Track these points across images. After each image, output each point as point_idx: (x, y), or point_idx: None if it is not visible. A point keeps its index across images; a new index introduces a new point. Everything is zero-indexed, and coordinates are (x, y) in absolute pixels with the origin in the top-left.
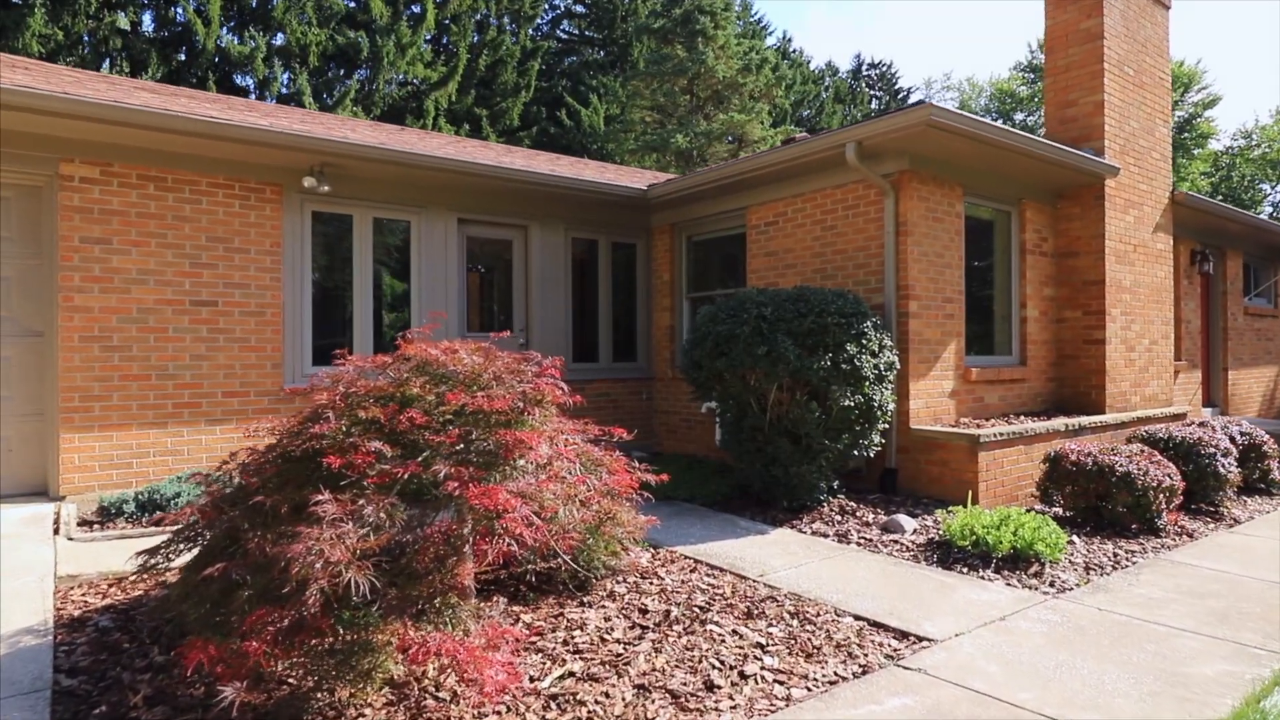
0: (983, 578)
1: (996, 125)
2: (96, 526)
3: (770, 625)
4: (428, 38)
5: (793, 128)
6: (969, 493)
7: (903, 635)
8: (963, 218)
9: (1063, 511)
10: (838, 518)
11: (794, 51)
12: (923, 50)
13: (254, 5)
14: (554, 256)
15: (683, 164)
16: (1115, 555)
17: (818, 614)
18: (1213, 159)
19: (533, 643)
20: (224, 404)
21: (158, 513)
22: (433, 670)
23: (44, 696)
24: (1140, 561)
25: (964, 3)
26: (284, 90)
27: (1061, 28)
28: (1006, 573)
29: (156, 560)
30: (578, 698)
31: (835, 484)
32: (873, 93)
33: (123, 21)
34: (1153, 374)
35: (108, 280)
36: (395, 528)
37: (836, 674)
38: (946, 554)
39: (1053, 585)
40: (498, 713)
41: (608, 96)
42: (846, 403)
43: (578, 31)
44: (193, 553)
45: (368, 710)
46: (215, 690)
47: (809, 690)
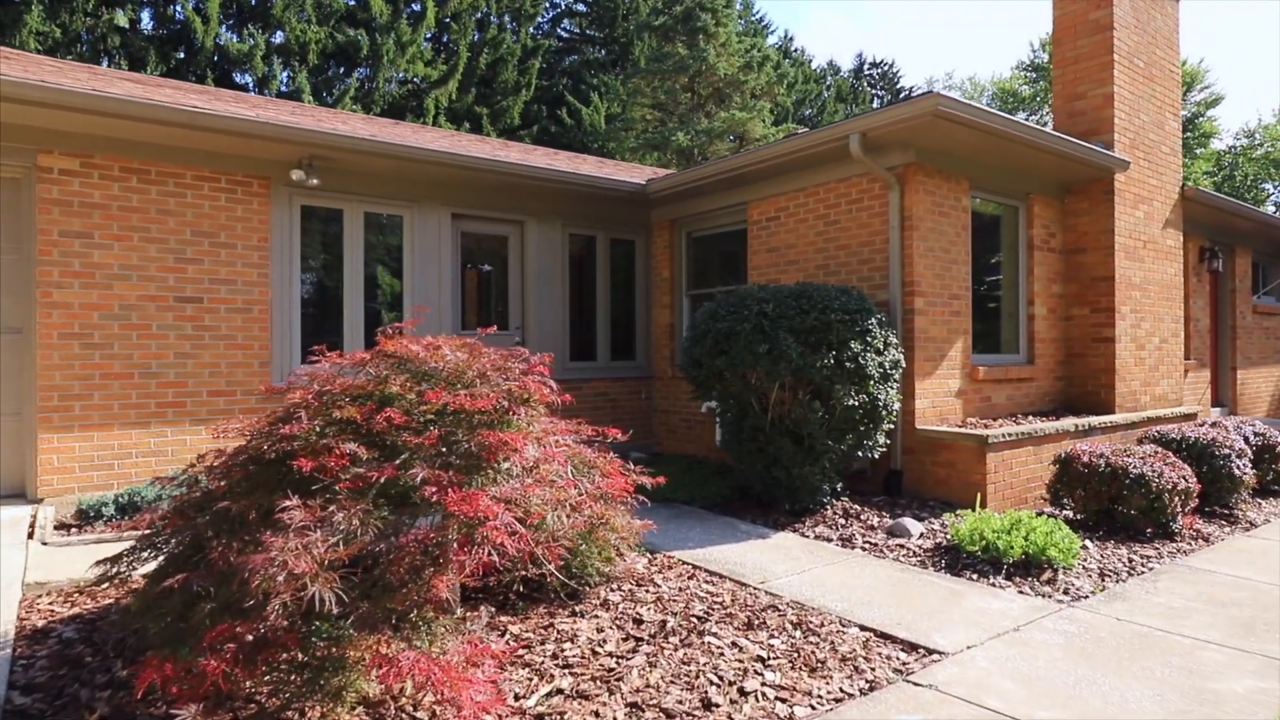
0: (993, 585)
1: (1004, 116)
2: (74, 530)
3: (772, 637)
4: (428, 36)
5: (794, 126)
6: (977, 495)
7: (912, 647)
8: (969, 212)
9: (1073, 515)
10: (841, 521)
11: (795, 50)
12: (925, 50)
13: (253, 3)
14: (551, 253)
15: (683, 162)
16: (1130, 561)
17: (822, 624)
18: (1215, 158)
19: (519, 656)
20: (210, 403)
21: (138, 516)
22: (410, 688)
23: None
24: (1157, 567)
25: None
26: (283, 89)
27: (1070, 19)
28: (1018, 579)
29: (118, 569)
30: (565, 718)
31: (838, 486)
32: (874, 92)
33: (121, 19)
34: (1163, 373)
35: (88, 276)
36: (368, 536)
37: (842, 690)
38: (955, 559)
39: (1067, 593)
40: None
41: (609, 95)
42: (850, 402)
43: (579, 30)
44: (158, 561)
45: None
46: (176, 711)
47: (813, 709)
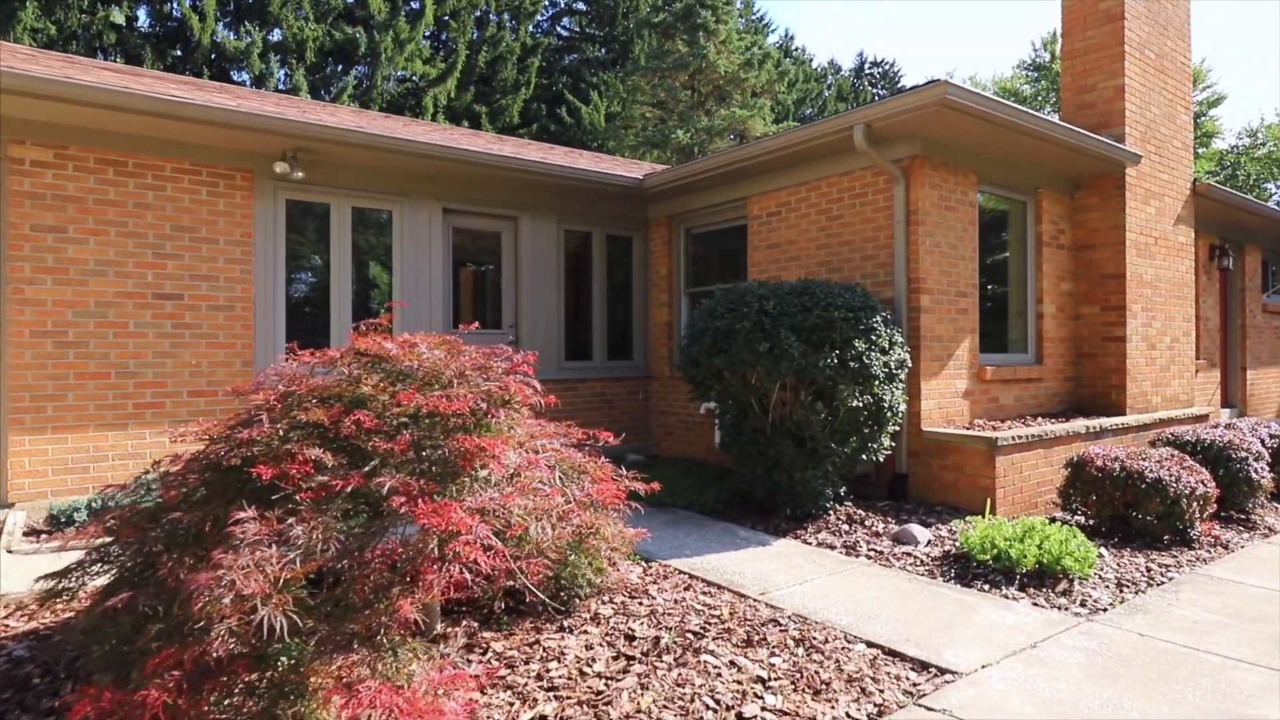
0: (1006, 596)
1: (1015, 106)
2: (44, 536)
3: (772, 654)
4: (426, 34)
5: (795, 124)
6: (986, 500)
7: (922, 666)
8: (976, 207)
9: (1086, 520)
10: (845, 527)
11: (796, 49)
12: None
13: (250, 0)
14: (545, 249)
15: (683, 160)
16: (1149, 570)
17: (826, 640)
18: (1218, 158)
19: (501, 678)
20: (190, 404)
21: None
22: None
23: None
24: (1177, 577)
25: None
26: (281, 86)
27: (1079, 8)
28: (1032, 590)
29: (65, 584)
30: None
31: (842, 490)
32: (875, 90)
33: (117, 16)
34: (1174, 373)
35: (62, 271)
36: (330, 551)
37: (849, 716)
38: (965, 569)
39: (1084, 605)
40: None
41: (608, 93)
42: (855, 403)
43: (578, 29)
44: (110, 574)
45: None
46: None
47: None
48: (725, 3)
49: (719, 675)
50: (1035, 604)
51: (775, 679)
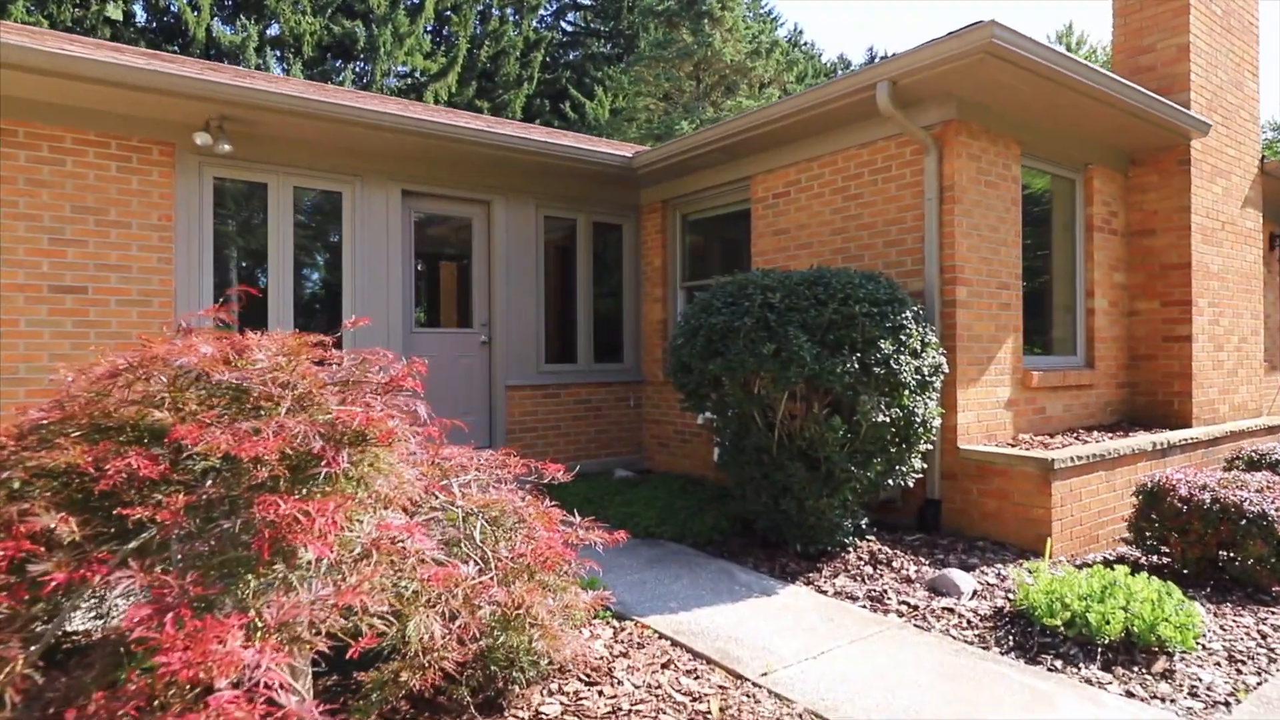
0: (1088, 680)
1: (1075, 58)
2: None
3: None
4: (427, 28)
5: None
6: (1043, 538)
7: None
8: (1020, 184)
9: (1158, 560)
10: (868, 569)
11: (805, 44)
12: None
13: None
14: (523, 238)
15: None
16: (1262, 635)
17: None
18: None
19: None
20: None
21: None
22: None
23: None
24: None
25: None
26: None
27: None
28: (1121, 671)
29: None
30: None
31: (863, 522)
32: None
33: (114, 11)
34: (1242, 378)
35: None
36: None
37: None
38: (1026, 636)
39: (1194, 694)
40: None
41: (613, 87)
42: (880, 418)
43: (583, 23)
44: None
45: None
46: None
47: None
48: None
49: None
50: (1128, 691)
51: None
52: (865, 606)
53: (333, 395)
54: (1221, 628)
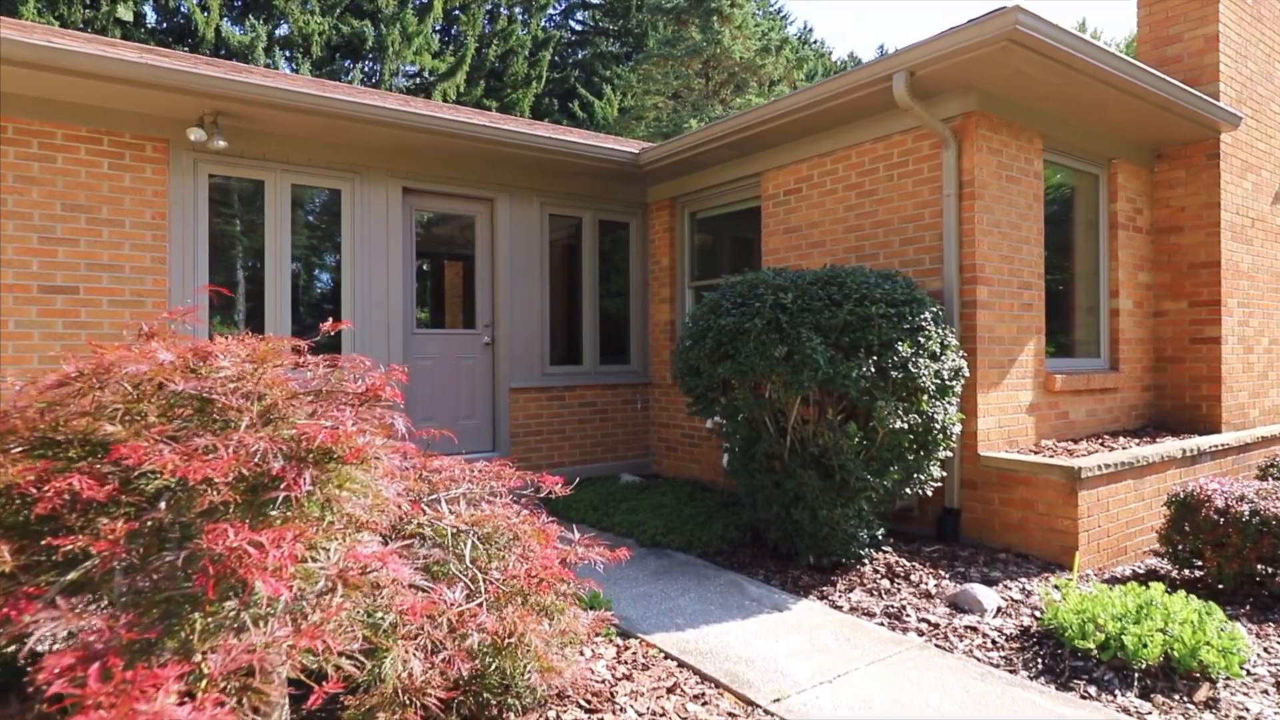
0: (1124, 708)
1: (1106, 48)
2: None
3: None
4: (436, 27)
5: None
6: (1069, 550)
7: None
8: (1042, 179)
9: (1191, 574)
10: (885, 583)
11: (815, 42)
12: None
13: None
14: (527, 237)
15: None
16: None
17: None
18: None
19: None
20: None
21: None
22: None
23: None
24: None
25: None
26: None
27: None
28: (1161, 698)
29: None
30: None
31: (879, 532)
32: None
33: (124, 12)
34: (1273, 380)
35: None
36: None
37: None
38: (1056, 658)
39: None
40: None
41: (622, 87)
42: (897, 424)
43: (592, 22)
44: None
45: None
46: None
47: None
48: None
49: None
50: None
51: None
52: (883, 624)
53: (305, 406)
54: (1265, 650)
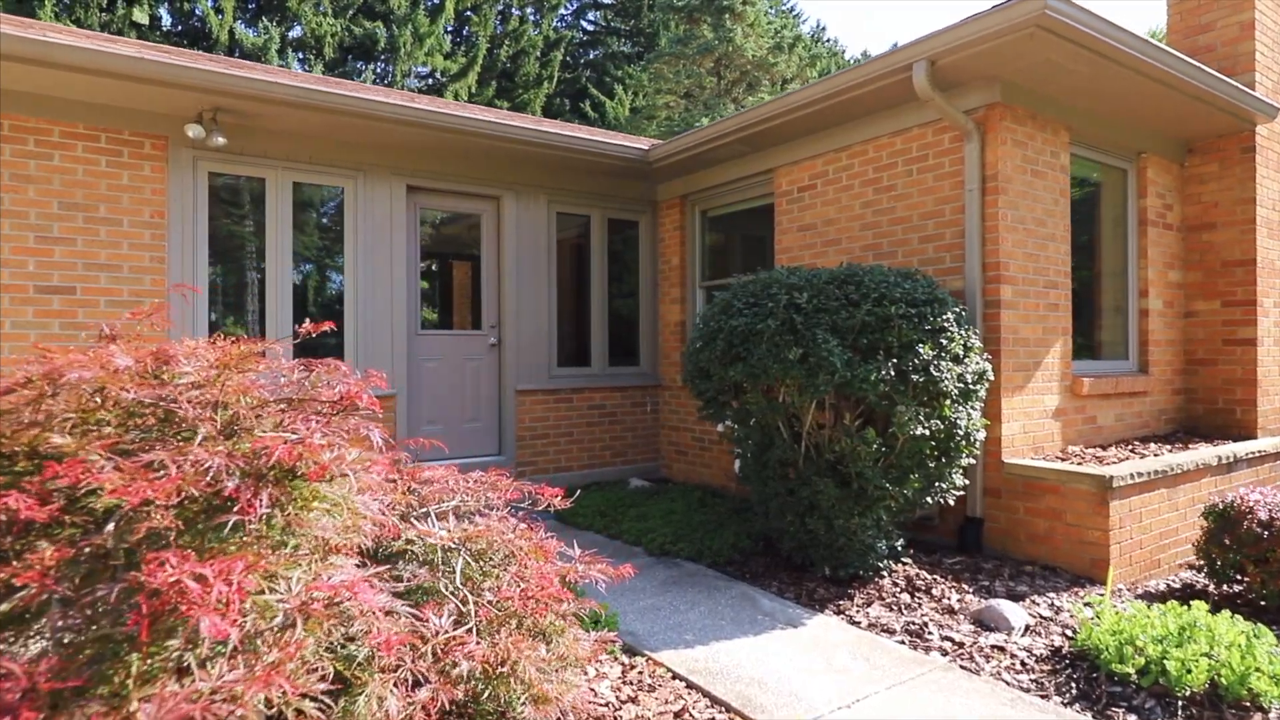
0: None
1: (1140, 35)
2: None
3: None
4: (447, 28)
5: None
6: (1100, 562)
7: None
8: (1069, 174)
9: (1229, 589)
10: (905, 598)
11: (827, 40)
12: None
13: None
14: (534, 235)
15: None
16: None
17: None
18: None
19: None
20: None
21: None
22: None
23: None
24: None
25: None
26: None
27: None
28: None
29: None
30: None
31: (899, 543)
32: None
33: (139, 15)
34: None
35: None
36: None
37: None
38: (1091, 683)
39: None
40: None
41: (633, 86)
42: (918, 430)
43: (603, 22)
44: None
45: None
46: None
47: None
48: None
49: None
50: None
51: None
52: (903, 642)
53: (272, 416)
54: None
